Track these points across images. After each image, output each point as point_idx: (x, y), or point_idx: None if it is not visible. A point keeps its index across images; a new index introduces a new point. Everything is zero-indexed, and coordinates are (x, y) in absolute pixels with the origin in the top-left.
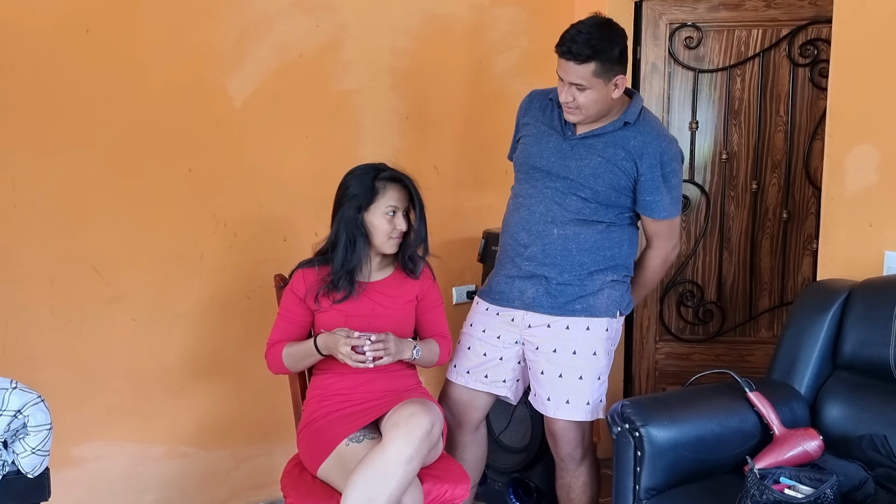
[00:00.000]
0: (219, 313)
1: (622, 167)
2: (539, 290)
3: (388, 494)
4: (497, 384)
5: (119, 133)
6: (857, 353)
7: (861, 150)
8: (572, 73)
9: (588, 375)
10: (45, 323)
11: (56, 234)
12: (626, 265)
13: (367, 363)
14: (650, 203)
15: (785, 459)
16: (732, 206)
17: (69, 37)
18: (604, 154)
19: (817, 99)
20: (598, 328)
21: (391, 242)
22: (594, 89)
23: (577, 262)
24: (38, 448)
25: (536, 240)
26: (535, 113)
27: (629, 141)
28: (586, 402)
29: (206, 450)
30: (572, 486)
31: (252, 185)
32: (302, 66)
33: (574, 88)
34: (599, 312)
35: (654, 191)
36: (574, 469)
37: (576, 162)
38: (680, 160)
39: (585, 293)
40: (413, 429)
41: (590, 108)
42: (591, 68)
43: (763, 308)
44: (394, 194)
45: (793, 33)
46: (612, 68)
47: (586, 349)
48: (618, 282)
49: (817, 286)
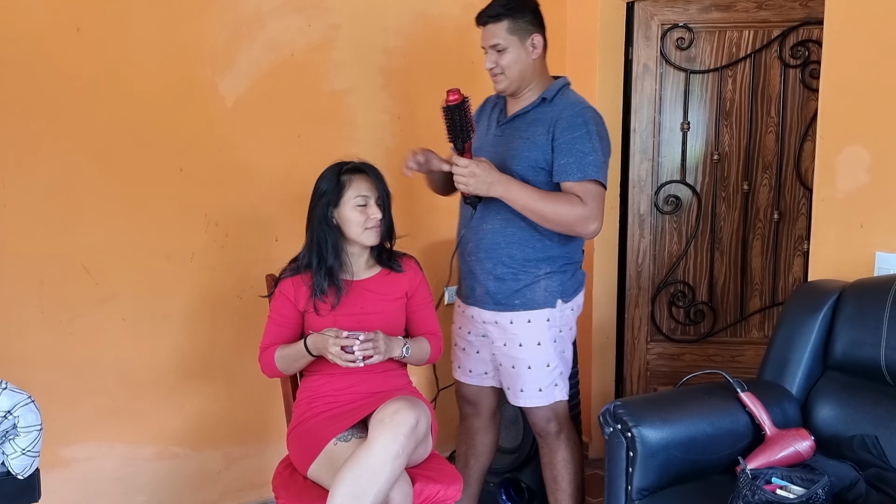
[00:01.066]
0: (210, 313)
1: (538, 143)
2: (481, 287)
3: (376, 491)
4: (482, 377)
5: (110, 132)
6: (848, 353)
7: (852, 152)
8: (489, 34)
9: (536, 365)
10: (35, 323)
11: (46, 233)
12: (561, 255)
13: (356, 362)
14: (563, 166)
15: (776, 460)
16: (724, 206)
17: (60, 35)
18: (524, 134)
19: (808, 100)
20: (539, 320)
21: (369, 233)
22: (512, 48)
23: (507, 256)
24: (28, 449)
25: (472, 235)
26: (483, 115)
27: (547, 115)
28: (538, 390)
29: (197, 450)
30: (553, 462)
31: (243, 185)
32: (294, 65)
33: (495, 53)
34: (538, 304)
35: (566, 153)
36: (552, 443)
37: (503, 148)
38: (597, 125)
39: (521, 287)
40: (398, 424)
41: (512, 68)
42: (505, 25)
43: (754, 308)
44: (361, 185)
45: (784, 34)
46: (526, 28)
47: (531, 341)
48: (554, 272)
49: (808, 287)
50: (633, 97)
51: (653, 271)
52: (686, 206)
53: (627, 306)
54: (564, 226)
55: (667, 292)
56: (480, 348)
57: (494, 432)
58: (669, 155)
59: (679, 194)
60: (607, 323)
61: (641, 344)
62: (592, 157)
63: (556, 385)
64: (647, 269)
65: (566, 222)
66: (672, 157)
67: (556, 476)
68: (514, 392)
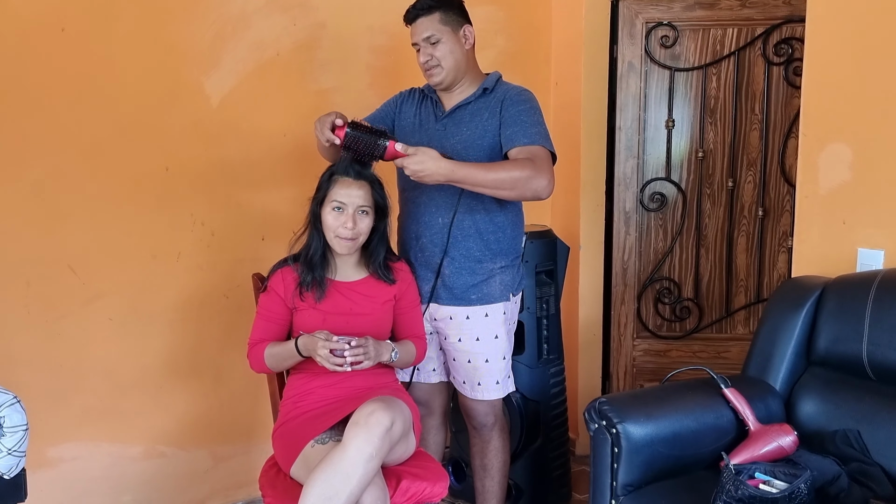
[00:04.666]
0: (196, 313)
1: (489, 128)
2: (436, 282)
3: (348, 493)
4: (429, 373)
5: (95, 132)
6: (830, 349)
7: (834, 149)
8: (420, 28)
9: (493, 358)
10: (22, 323)
11: (32, 233)
12: (514, 248)
13: (344, 367)
14: (509, 136)
15: (760, 455)
16: (709, 203)
17: (44, 35)
18: (470, 123)
19: (792, 97)
20: (496, 313)
21: (339, 243)
22: (445, 39)
23: (463, 250)
24: (14, 449)
25: (425, 230)
26: (408, 109)
27: (490, 102)
28: (496, 382)
29: (185, 449)
30: (485, 451)
31: (230, 184)
32: (279, 64)
33: (429, 45)
34: (494, 299)
35: (511, 123)
36: (486, 434)
37: (448, 141)
38: (537, 106)
39: (477, 282)
40: (372, 426)
41: (447, 59)
42: (437, 17)
43: (739, 305)
44: (343, 191)
45: (767, 32)
46: (457, 19)
47: (488, 334)
48: (507, 266)
49: (791, 283)
50: (618, 95)
51: (639, 268)
52: (671, 203)
53: (613, 303)
54: (518, 189)
55: (652, 289)
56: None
57: (444, 432)
58: (654, 152)
59: (664, 192)
60: (593, 320)
61: (627, 340)
62: (538, 129)
63: (509, 377)
64: (633, 266)
65: (519, 184)
66: (657, 154)
67: (487, 464)
68: (471, 386)
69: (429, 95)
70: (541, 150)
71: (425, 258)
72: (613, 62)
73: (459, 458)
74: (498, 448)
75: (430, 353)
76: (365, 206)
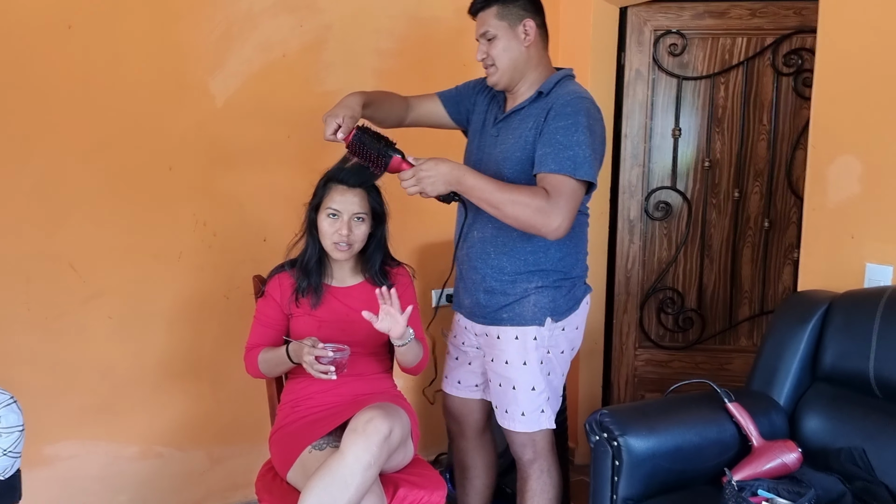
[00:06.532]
0: (196, 313)
1: (527, 139)
2: (471, 298)
3: (346, 501)
4: (471, 389)
5: (99, 130)
6: (836, 365)
7: (844, 161)
8: (479, 23)
9: (521, 386)
10: (22, 320)
11: (34, 231)
12: (556, 269)
13: (329, 375)
14: (541, 157)
15: (763, 471)
16: (714, 213)
17: (51, 33)
18: (515, 133)
19: (800, 108)
20: (527, 337)
21: (334, 249)
22: (502, 36)
23: (497, 267)
24: (9, 450)
25: (463, 244)
26: (481, 103)
27: (539, 109)
28: (521, 413)
29: (182, 450)
30: (523, 490)
31: (233, 185)
32: (285, 65)
33: (485, 42)
34: (526, 321)
35: (547, 142)
36: (524, 470)
37: (497, 148)
38: (590, 118)
39: (510, 301)
40: (371, 434)
41: (501, 58)
42: (494, 11)
43: (743, 316)
44: (338, 197)
45: (777, 42)
46: (517, 12)
47: (517, 359)
48: (546, 287)
49: (798, 297)
50: (624, 102)
51: (642, 277)
52: (676, 212)
53: (616, 312)
54: (522, 221)
55: (656, 299)
56: (473, 360)
57: (487, 454)
58: (660, 161)
59: (669, 200)
60: (595, 329)
61: (629, 350)
62: (573, 152)
63: (543, 412)
64: (637, 275)
65: (524, 217)
66: (663, 163)
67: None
68: (500, 412)
69: (498, 91)
70: (566, 183)
71: (464, 272)
72: (621, 69)
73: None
74: (535, 491)
75: (476, 368)
76: (361, 212)
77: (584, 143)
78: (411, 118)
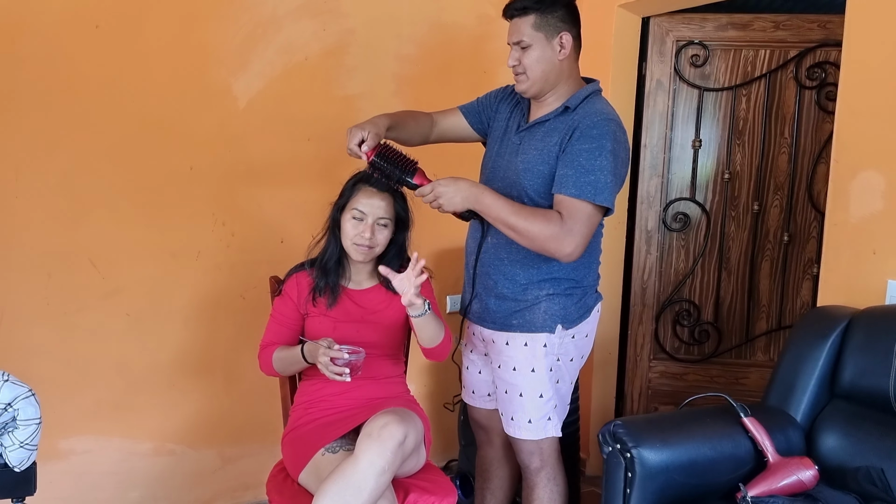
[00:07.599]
0: (212, 312)
1: (551, 154)
2: (481, 303)
3: None
4: (485, 399)
5: (123, 128)
6: (856, 382)
7: (867, 177)
8: (513, 29)
9: (528, 393)
10: (41, 314)
11: (56, 226)
12: (568, 277)
13: (343, 377)
14: (561, 178)
15: (778, 488)
16: (733, 226)
17: (79, 31)
18: (538, 145)
19: (823, 122)
20: (536, 344)
21: (355, 249)
22: (536, 46)
23: (509, 274)
24: (26, 442)
25: (476, 249)
26: (504, 110)
27: (564, 124)
28: (528, 421)
29: (194, 448)
30: (529, 499)
31: (252, 186)
32: (307, 69)
33: (518, 50)
34: (536, 328)
35: (569, 164)
36: (530, 478)
37: (519, 157)
38: (615, 143)
39: (521, 307)
40: (386, 440)
41: (533, 68)
42: (531, 20)
43: (760, 331)
44: (365, 200)
45: (800, 55)
46: (555, 24)
47: (525, 366)
48: (557, 295)
49: (817, 312)
50: (644, 112)
51: (658, 289)
52: (695, 224)
53: (631, 323)
54: (538, 244)
55: (671, 310)
56: (482, 368)
57: (513, 466)
58: (679, 172)
59: (688, 212)
60: (610, 339)
61: (644, 361)
62: (594, 177)
63: (549, 419)
64: (653, 287)
65: (539, 240)
66: (682, 174)
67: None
68: (506, 419)
69: (523, 98)
70: (583, 209)
71: (475, 278)
72: (642, 80)
73: (467, 471)
74: (542, 499)
75: (486, 377)
76: (385, 217)
77: (607, 169)
78: (436, 134)
